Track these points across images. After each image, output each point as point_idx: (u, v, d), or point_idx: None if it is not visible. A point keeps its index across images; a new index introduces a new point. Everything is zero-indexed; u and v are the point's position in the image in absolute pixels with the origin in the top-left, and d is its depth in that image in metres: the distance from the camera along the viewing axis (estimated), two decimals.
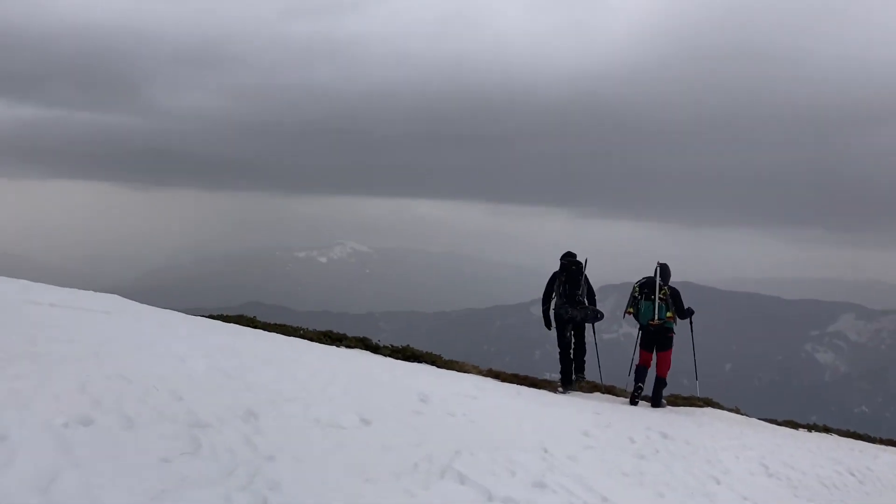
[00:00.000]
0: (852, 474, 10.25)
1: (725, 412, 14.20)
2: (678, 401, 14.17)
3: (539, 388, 12.76)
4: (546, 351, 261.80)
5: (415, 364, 12.16)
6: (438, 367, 12.62)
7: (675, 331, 13.76)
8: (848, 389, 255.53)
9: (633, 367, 13.93)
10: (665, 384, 13.77)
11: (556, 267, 13.66)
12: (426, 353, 13.10)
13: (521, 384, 12.64)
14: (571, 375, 13.98)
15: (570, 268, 14.03)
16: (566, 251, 14.47)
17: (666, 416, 11.76)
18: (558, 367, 13.72)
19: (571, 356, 14.06)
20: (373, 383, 8.42)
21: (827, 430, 15.66)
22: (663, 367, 13.65)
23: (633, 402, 13.45)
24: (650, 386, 13.80)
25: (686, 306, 13.79)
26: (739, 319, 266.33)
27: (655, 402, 13.70)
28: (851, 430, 16.15)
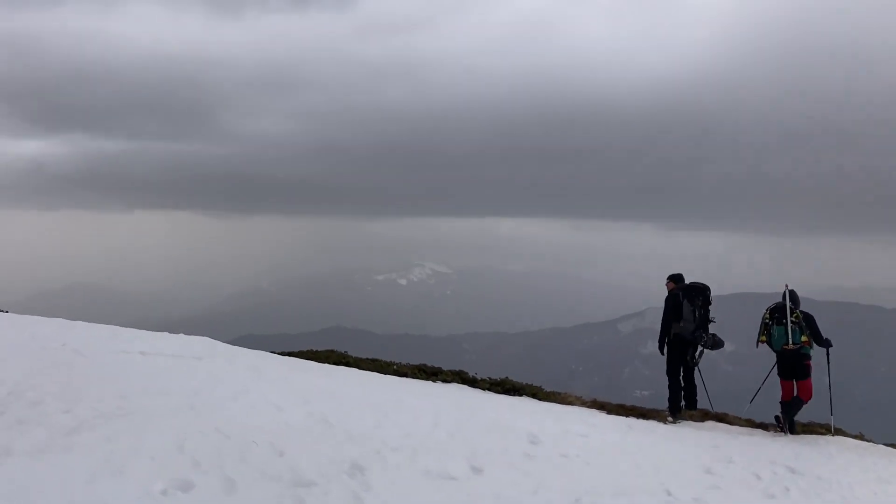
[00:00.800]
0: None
1: (850, 439, 13.41)
2: (797, 427, 13.41)
3: (648, 418, 12.16)
4: (635, 368, 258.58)
5: (515, 398, 11.66)
6: (539, 399, 12.14)
7: (811, 357, 13.31)
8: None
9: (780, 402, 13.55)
10: (801, 405, 13.38)
11: (643, 283, 13.36)
12: (526, 384, 12.63)
13: (628, 415, 12.05)
14: (680, 403, 13.45)
15: (705, 291, 13.69)
16: (674, 273, 14.11)
17: (790, 447, 11.07)
18: (648, 385, 13.27)
19: (682, 383, 13.51)
20: (478, 424, 7.97)
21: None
22: (805, 393, 13.31)
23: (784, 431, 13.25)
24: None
25: (825, 338, 13.35)
26: (840, 331, 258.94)
27: (790, 427, 13.38)
28: None
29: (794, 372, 13.24)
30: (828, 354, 13.76)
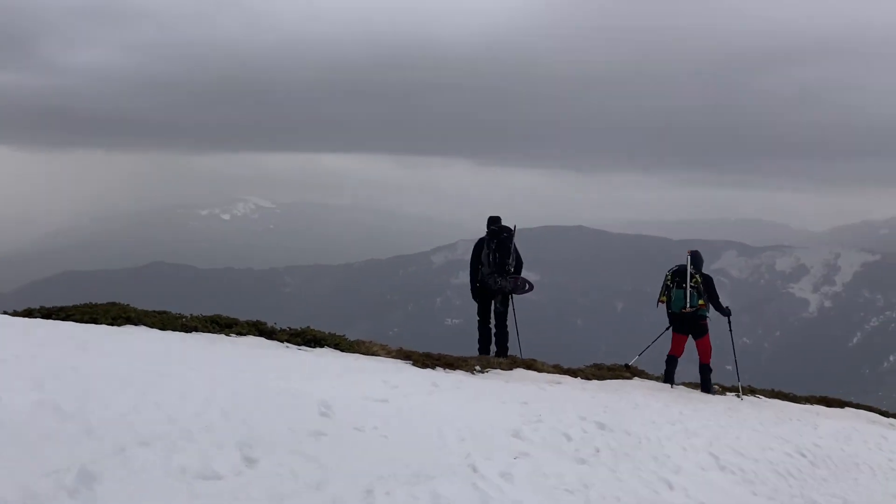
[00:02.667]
0: (803, 455, 9.17)
1: (652, 381, 12.96)
2: (603, 373, 12.82)
3: (455, 368, 11.22)
4: (447, 298, 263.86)
5: (316, 350, 10.40)
6: (342, 349, 10.96)
7: (708, 317, 13.78)
8: (732, 323, 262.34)
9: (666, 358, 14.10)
10: (710, 370, 13.90)
11: (456, 216, 12.55)
12: (329, 334, 11.42)
13: (435, 366, 11.05)
14: (489, 348, 13.25)
15: (501, 234, 13.07)
16: (492, 216, 13.51)
17: (599, 398, 10.41)
18: (459, 314, 12.60)
19: (492, 328, 13.28)
20: (262, 396, 6.73)
21: (752, 390, 14.61)
22: (704, 354, 13.82)
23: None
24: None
25: (725, 305, 13.93)
26: (630, 260, 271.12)
27: (706, 389, 13.81)
28: (776, 390, 15.13)
29: (692, 331, 13.75)
30: (729, 322, 14.47)
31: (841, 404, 15.38)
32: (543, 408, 9.04)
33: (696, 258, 13.77)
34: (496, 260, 13.04)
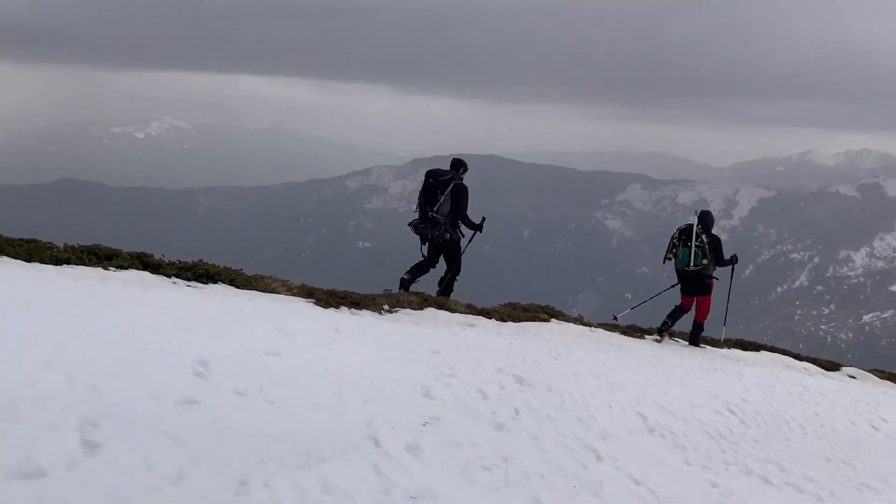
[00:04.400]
0: (732, 412, 8.43)
1: (570, 325, 12.02)
2: (519, 313, 11.82)
3: (361, 307, 10.05)
4: (360, 222, 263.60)
5: (206, 290, 9.11)
6: (238, 286, 9.68)
7: (713, 277, 13.72)
8: (632, 253, 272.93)
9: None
10: (702, 328, 13.96)
11: (373, 142, 11.97)
12: (223, 268, 10.09)
13: (340, 304, 9.86)
14: (411, 283, 12.55)
15: (428, 179, 12.39)
16: (455, 159, 12.91)
17: (517, 345, 9.39)
18: (370, 237, 11.61)
19: (427, 269, 12.80)
20: (124, 352, 5.45)
21: (671, 334, 13.89)
22: (701, 311, 13.86)
23: (660, 336, 13.88)
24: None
25: (730, 255, 13.88)
26: (538, 190, 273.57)
27: (694, 342, 13.87)
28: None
29: (695, 290, 13.73)
30: (732, 269, 14.35)
31: (756, 347, 14.87)
32: (457, 358, 8.06)
33: (704, 217, 13.68)
34: (421, 205, 12.42)
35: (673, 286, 14.21)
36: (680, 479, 6.15)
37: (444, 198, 12.12)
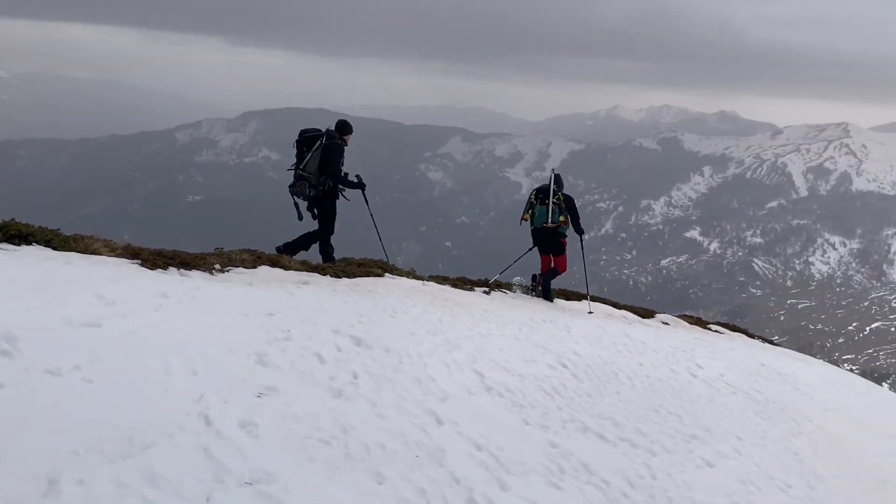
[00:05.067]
0: (565, 366, 8.28)
1: (404, 279, 11.61)
2: (353, 269, 11.29)
3: (192, 267, 9.30)
4: (190, 175, 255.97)
5: (18, 252, 8.09)
6: (56, 248, 8.67)
7: (567, 235, 13.92)
8: (453, 203, 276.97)
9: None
10: (557, 274, 14.12)
11: (203, 94, 11.05)
12: (38, 228, 8.99)
13: (167, 265, 9.05)
14: (293, 246, 12.28)
15: (296, 139, 11.95)
16: (339, 122, 12.45)
17: (352, 303, 8.89)
18: (201, 190, 10.93)
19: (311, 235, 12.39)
20: None
21: (499, 285, 13.72)
22: (560, 267, 14.10)
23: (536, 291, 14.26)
24: None
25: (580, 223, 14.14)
26: (366, 142, 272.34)
27: (547, 296, 14.02)
28: (523, 284, 14.31)
29: (551, 248, 13.93)
30: (581, 242, 14.59)
31: (578, 297, 14.92)
32: (292, 319, 7.52)
33: (558, 179, 13.88)
34: (297, 165, 11.92)
35: (531, 248, 14.24)
36: (520, 441, 5.94)
37: (310, 155, 11.68)
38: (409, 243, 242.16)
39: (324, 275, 10.64)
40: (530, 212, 13.77)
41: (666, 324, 14.63)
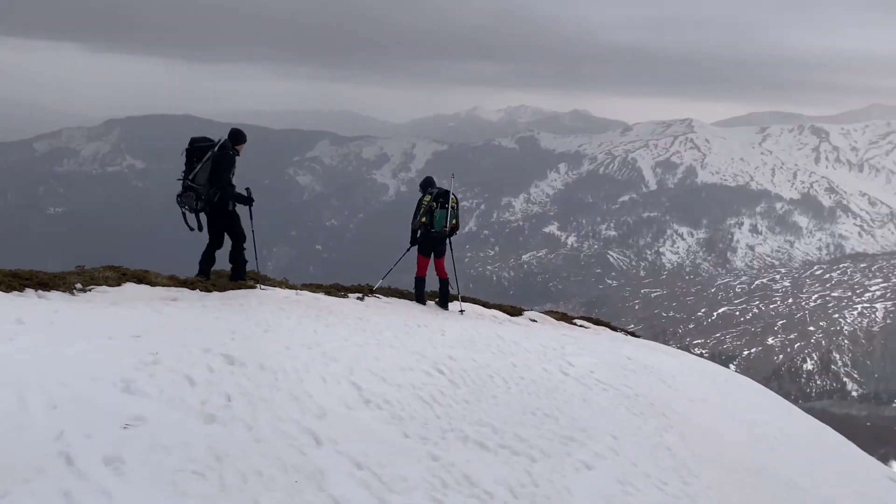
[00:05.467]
0: (441, 372, 8.11)
1: (277, 289, 11.18)
2: (224, 282, 10.79)
3: (50, 288, 8.61)
4: (51, 186, 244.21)
5: None
6: None
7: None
8: (322, 206, 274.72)
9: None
10: (450, 283, 14.00)
11: (61, 103, 10.04)
12: None
13: (24, 286, 8.40)
14: (207, 269, 11.53)
15: (186, 148, 11.08)
16: (233, 130, 11.69)
17: (224, 319, 8.39)
18: (63, 202, 10.11)
19: (213, 251, 11.58)
20: None
21: (371, 290, 13.39)
22: (445, 271, 13.91)
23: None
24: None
25: None
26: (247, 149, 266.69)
27: (444, 304, 13.87)
28: (393, 287, 14.01)
29: (438, 251, 13.65)
30: (450, 242, 14.08)
31: (452, 298, 14.72)
32: (160, 340, 7.05)
33: (428, 182, 14.02)
34: (184, 175, 11.06)
35: (408, 249, 13.80)
36: (401, 456, 5.71)
37: (200, 166, 10.88)
38: (279, 248, 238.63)
39: (193, 289, 10.08)
40: (429, 216, 13.29)
41: (534, 321, 14.66)
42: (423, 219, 13.31)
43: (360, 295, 12.91)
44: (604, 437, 7.13)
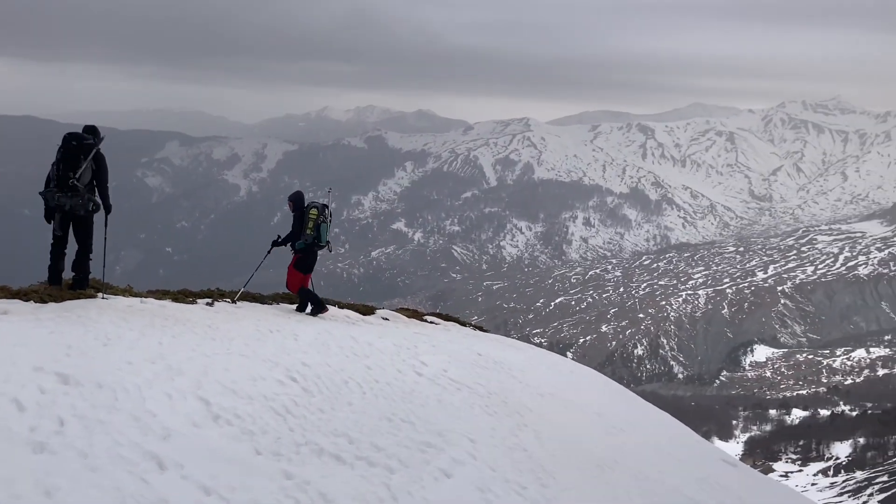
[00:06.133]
0: (294, 380, 7.74)
1: (120, 298, 10.30)
2: (63, 292, 9.84)
3: None
4: None
5: None
6: None
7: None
8: (172, 208, 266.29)
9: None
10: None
11: None
12: None
13: None
14: (58, 277, 10.26)
15: (70, 143, 9.73)
16: (86, 126, 10.30)
17: (58, 332, 7.55)
18: None
19: (61, 252, 10.31)
20: None
21: (222, 294, 12.68)
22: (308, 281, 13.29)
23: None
24: None
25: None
26: None
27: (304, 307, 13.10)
28: (246, 290, 13.26)
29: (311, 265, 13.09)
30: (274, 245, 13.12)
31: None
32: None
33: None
34: (59, 172, 9.70)
35: (269, 252, 12.93)
36: (253, 476, 5.24)
37: (86, 164, 9.69)
38: (128, 251, 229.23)
39: (27, 300, 9.09)
40: (315, 229, 12.58)
41: (386, 319, 14.29)
42: (311, 232, 12.60)
43: (209, 300, 12.10)
44: (461, 441, 6.84)
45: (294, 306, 13.11)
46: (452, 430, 7.11)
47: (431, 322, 15.43)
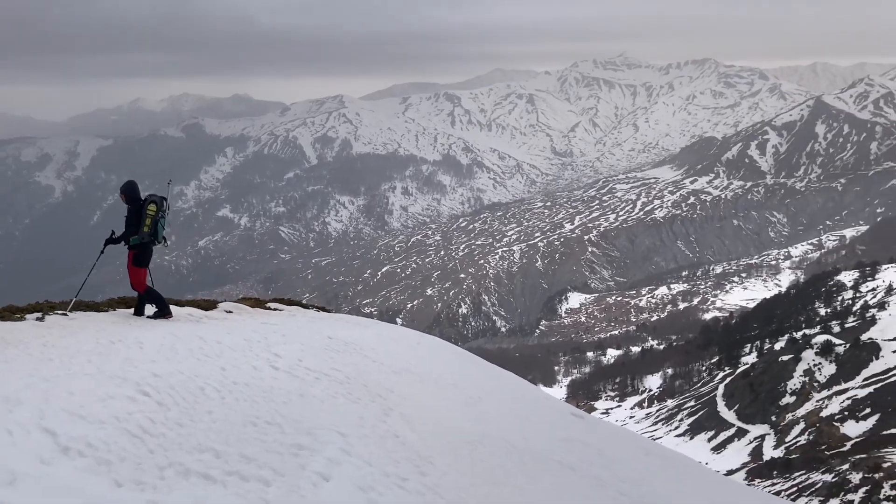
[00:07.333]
0: (147, 394, 6.93)
1: None
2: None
3: None
4: None
5: None
6: None
7: None
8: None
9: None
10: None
11: None
12: None
13: None
14: None
15: None
16: None
17: None
18: None
19: None
20: None
21: (61, 303, 11.42)
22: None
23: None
24: None
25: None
26: None
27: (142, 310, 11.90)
28: (79, 300, 12.03)
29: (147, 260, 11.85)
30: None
31: (129, 303, 12.97)
32: None
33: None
34: None
35: (102, 252, 11.69)
36: None
37: None
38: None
39: None
40: (152, 225, 11.48)
41: (230, 312, 13.45)
42: (147, 229, 11.46)
43: (39, 315, 10.79)
44: (332, 437, 6.34)
45: (132, 310, 12.05)
46: (321, 427, 6.58)
47: (276, 309, 14.70)
